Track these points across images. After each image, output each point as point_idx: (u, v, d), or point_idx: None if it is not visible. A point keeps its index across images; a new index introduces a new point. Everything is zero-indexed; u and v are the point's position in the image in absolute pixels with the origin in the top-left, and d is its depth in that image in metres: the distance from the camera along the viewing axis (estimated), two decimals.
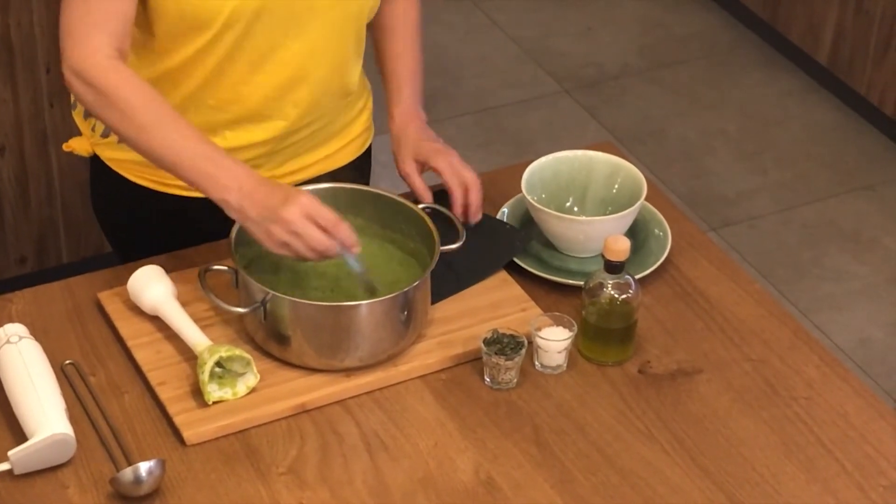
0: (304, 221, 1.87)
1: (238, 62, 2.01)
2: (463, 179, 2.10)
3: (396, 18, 2.20)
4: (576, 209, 2.21)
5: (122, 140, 1.95)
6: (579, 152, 2.22)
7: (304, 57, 2.04)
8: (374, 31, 2.21)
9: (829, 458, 1.88)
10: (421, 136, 2.14)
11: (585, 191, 2.21)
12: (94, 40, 1.91)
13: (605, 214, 2.17)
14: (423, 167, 2.13)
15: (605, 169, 2.20)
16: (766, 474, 1.86)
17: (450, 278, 2.05)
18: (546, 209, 2.12)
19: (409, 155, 2.12)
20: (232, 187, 1.89)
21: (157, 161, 1.94)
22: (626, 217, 2.11)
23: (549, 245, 2.16)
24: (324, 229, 1.88)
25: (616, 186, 2.19)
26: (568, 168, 2.21)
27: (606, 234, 1.99)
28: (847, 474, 1.86)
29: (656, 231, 2.18)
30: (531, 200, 2.13)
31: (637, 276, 2.03)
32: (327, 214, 1.88)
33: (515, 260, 2.12)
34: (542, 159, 2.20)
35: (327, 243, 1.88)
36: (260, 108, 2.05)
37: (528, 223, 2.18)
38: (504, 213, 2.20)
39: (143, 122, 1.91)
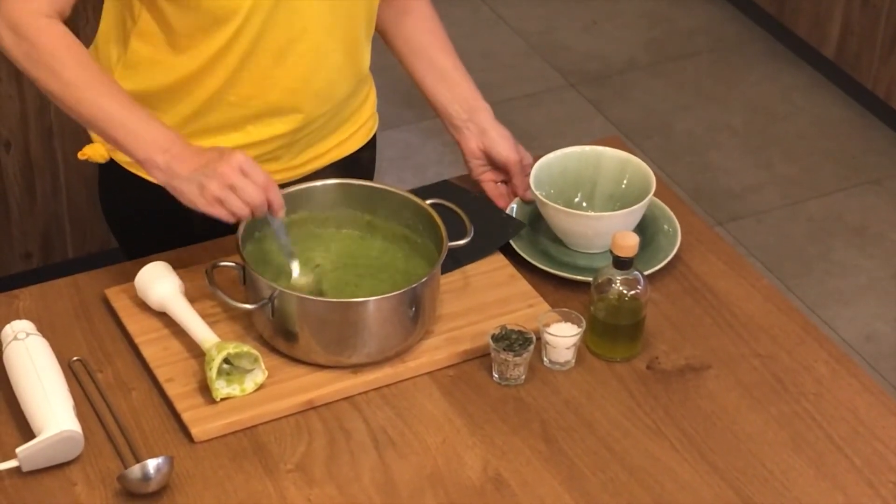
0: (240, 176, 1.88)
1: (259, 56, 2.01)
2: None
3: (428, 23, 2.22)
4: (584, 205, 2.21)
5: (49, 96, 1.96)
6: (587, 148, 2.22)
7: (321, 45, 2.04)
8: (401, 34, 2.21)
9: (838, 455, 1.88)
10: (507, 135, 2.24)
11: (594, 186, 2.20)
12: None
13: (613, 210, 2.16)
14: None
15: (613, 164, 2.20)
16: (776, 470, 1.85)
17: (446, 257, 2.03)
18: (554, 205, 2.11)
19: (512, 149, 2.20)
20: (158, 148, 1.90)
21: (83, 120, 1.95)
22: (635, 213, 2.11)
23: (558, 241, 2.16)
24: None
25: (625, 182, 2.19)
26: (576, 163, 2.20)
27: (615, 230, 1.98)
28: (857, 470, 1.86)
29: (665, 227, 2.17)
30: (539, 196, 2.12)
31: (646, 273, 2.03)
32: (261, 173, 1.90)
33: (524, 255, 2.11)
34: (551, 155, 2.19)
35: (260, 199, 1.89)
36: (281, 100, 2.06)
37: (536, 219, 2.18)
38: (513, 208, 2.19)
39: (70, 80, 1.92)
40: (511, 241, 2.14)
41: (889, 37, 3.94)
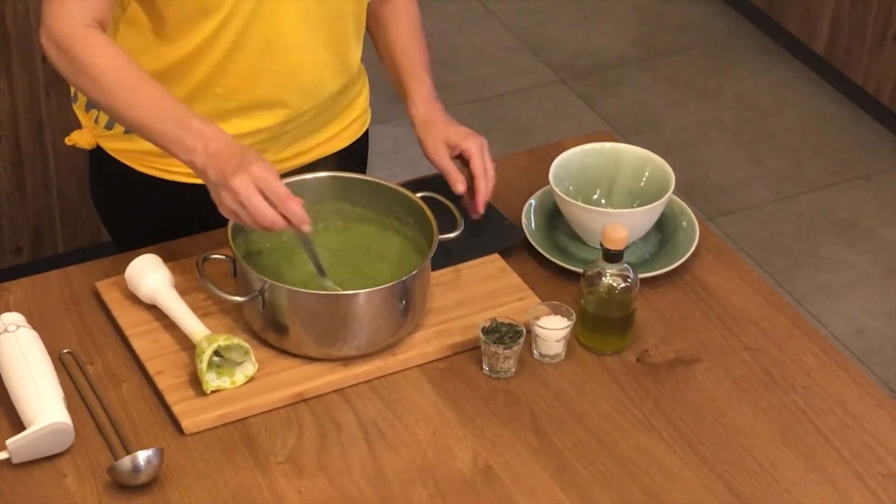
0: (252, 193, 1.85)
1: (245, 49, 2.01)
2: (486, 167, 2.09)
3: (399, 14, 2.21)
4: (603, 201, 2.20)
5: (95, 105, 1.97)
6: (608, 144, 2.21)
7: (308, 40, 2.04)
8: (376, 29, 2.22)
9: (827, 447, 1.88)
10: (448, 121, 2.13)
11: (613, 183, 2.20)
12: (71, 8, 1.93)
13: (632, 207, 2.16)
14: (452, 151, 2.11)
15: (633, 161, 2.20)
16: (765, 463, 1.86)
17: (440, 254, 2.03)
18: (573, 201, 2.11)
19: (440, 139, 2.11)
20: (198, 148, 1.89)
21: (128, 125, 1.96)
22: (654, 210, 2.11)
23: (576, 237, 2.15)
24: (272, 203, 1.86)
25: (644, 179, 2.19)
26: (595, 160, 2.20)
27: (635, 227, 1.98)
28: (845, 463, 1.87)
29: (684, 224, 2.17)
30: (558, 192, 2.12)
31: (666, 270, 2.06)
32: (277, 188, 1.86)
33: (541, 251, 2.11)
34: (570, 151, 2.19)
35: (271, 218, 1.86)
36: (267, 94, 2.06)
37: (554, 215, 2.18)
38: (531, 204, 2.19)
39: (112, 87, 1.92)
40: (528, 236, 2.14)
41: (879, 32, 3.95)
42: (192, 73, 2.03)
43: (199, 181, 2.02)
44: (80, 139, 2.16)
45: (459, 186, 2.09)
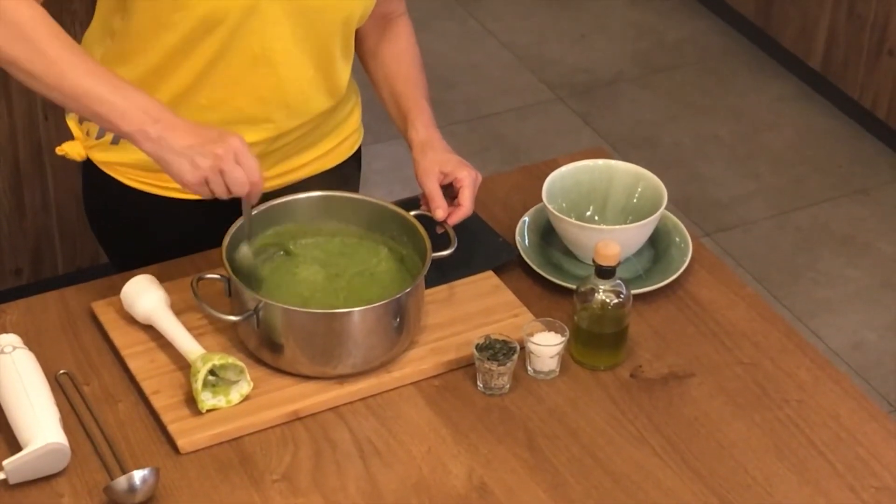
0: (233, 163, 1.88)
1: (230, 60, 2.01)
2: (474, 197, 2.10)
3: (402, 53, 2.21)
4: (596, 218, 2.21)
5: (27, 77, 1.91)
6: (600, 161, 2.22)
7: (293, 57, 2.05)
8: (376, 65, 2.22)
9: (820, 460, 1.89)
10: (447, 149, 2.14)
11: (606, 200, 2.21)
12: None
13: (625, 223, 2.17)
14: (444, 178, 2.11)
15: (625, 178, 2.21)
16: (759, 477, 1.87)
17: (434, 271, 2.04)
18: (566, 218, 2.12)
19: (435, 162, 2.11)
20: (148, 118, 1.88)
21: (65, 97, 1.90)
22: (647, 226, 2.12)
23: (569, 253, 2.16)
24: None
25: (637, 195, 2.20)
26: (588, 177, 2.21)
27: (627, 243, 1.98)
28: (839, 476, 1.87)
29: (677, 239, 2.18)
30: (551, 209, 2.13)
31: (660, 285, 2.07)
32: (252, 162, 1.90)
33: (535, 268, 2.12)
34: (563, 168, 2.20)
35: (244, 190, 1.90)
36: (252, 109, 2.06)
37: (548, 231, 2.19)
38: (525, 221, 2.20)
39: (53, 57, 1.88)
40: (522, 253, 2.15)
41: (874, 46, 3.96)
42: (174, 78, 2.02)
43: (191, 197, 2.03)
44: (71, 150, 2.16)
45: (440, 213, 2.08)
